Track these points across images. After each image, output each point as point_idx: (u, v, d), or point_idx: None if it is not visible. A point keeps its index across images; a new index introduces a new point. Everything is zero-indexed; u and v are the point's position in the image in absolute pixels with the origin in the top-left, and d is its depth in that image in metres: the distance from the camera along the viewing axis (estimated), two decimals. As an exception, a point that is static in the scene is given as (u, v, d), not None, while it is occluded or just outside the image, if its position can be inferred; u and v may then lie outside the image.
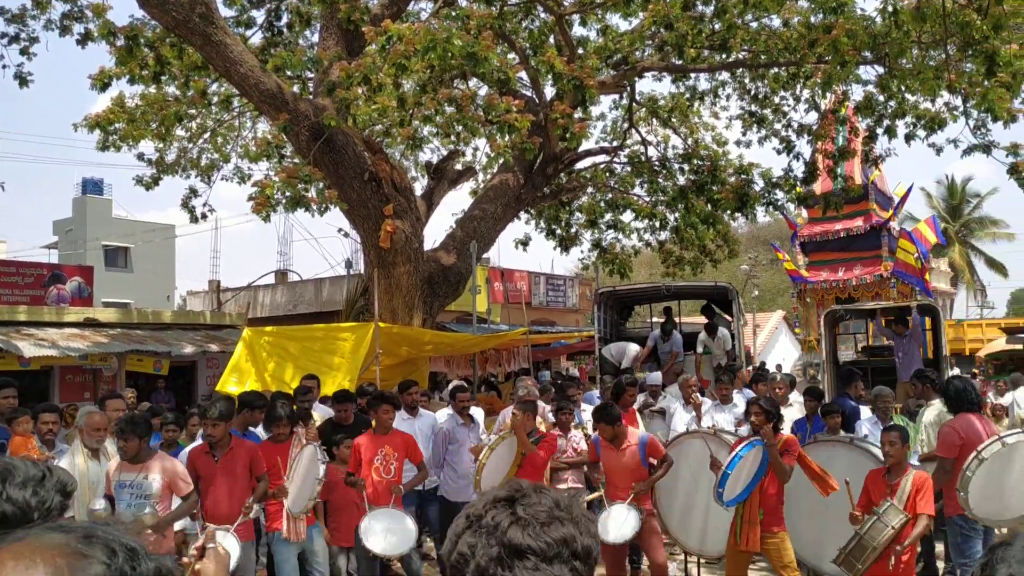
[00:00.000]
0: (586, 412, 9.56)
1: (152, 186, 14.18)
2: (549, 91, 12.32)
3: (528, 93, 12.81)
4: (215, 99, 13.43)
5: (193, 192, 14.50)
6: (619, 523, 6.50)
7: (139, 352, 14.27)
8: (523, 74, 12.42)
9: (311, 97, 11.80)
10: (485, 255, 18.37)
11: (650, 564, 6.89)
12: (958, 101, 10.79)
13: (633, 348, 13.24)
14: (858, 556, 5.60)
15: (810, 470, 6.14)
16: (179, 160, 15.03)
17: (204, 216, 14.53)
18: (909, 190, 22.82)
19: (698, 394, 9.50)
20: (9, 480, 1.23)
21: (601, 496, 6.94)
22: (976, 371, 19.62)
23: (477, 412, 9.63)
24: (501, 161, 13.50)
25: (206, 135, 15.43)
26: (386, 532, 6.50)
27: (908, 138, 11.56)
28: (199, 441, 7.08)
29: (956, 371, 19.02)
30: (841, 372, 11.69)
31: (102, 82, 10.77)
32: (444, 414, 9.18)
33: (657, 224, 15.09)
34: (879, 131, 12.25)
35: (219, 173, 15.57)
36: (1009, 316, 41.79)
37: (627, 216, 15.47)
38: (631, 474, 6.66)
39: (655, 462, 6.84)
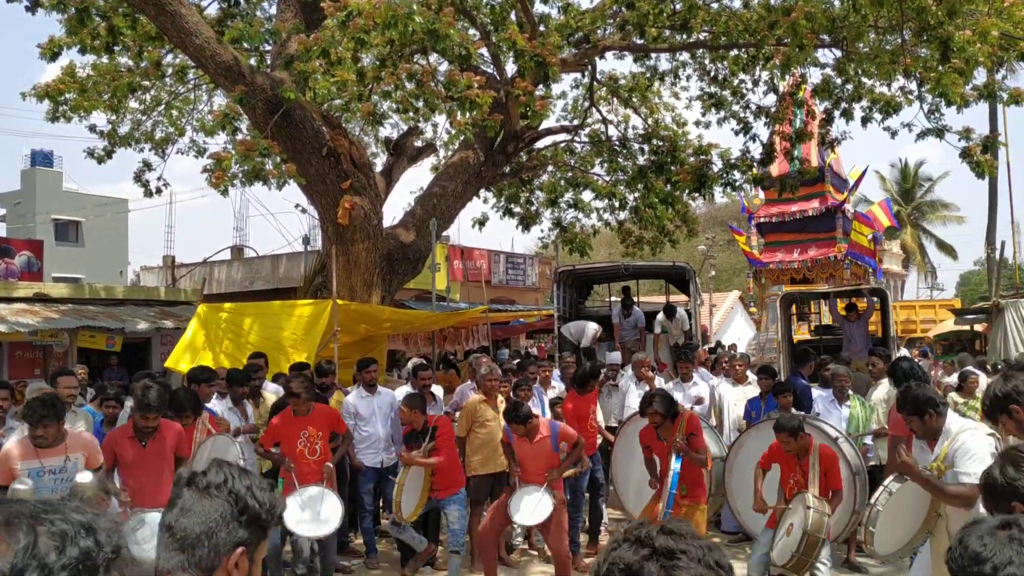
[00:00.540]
0: (553, 391, 9.64)
1: (104, 159, 13.87)
2: (510, 68, 12.26)
3: (489, 70, 12.73)
4: (169, 71, 13.14)
5: (147, 166, 14.22)
6: (533, 506, 6.62)
7: (91, 328, 14.01)
8: (484, 51, 12.34)
9: (268, 70, 11.61)
10: (445, 233, 18.31)
11: (552, 552, 6.98)
12: (913, 86, 10.95)
13: (592, 327, 13.31)
14: (810, 553, 5.73)
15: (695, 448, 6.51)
16: (132, 133, 14.72)
17: (159, 190, 14.27)
18: (864, 173, 23.16)
19: (650, 371, 9.63)
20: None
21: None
22: (915, 351, 20.04)
23: (437, 390, 9.65)
24: (462, 138, 13.44)
25: (160, 107, 15.12)
26: (307, 511, 6.45)
27: (864, 121, 11.72)
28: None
29: (904, 351, 19.49)
30: (796, 352, 11.91)
31: (52, 52, 10.49)
32: (403, 391, 9.17)
33: (617, 204, 15.14)
34: (836, 114, 12.39)
35: (174, 147, 15.29)
36: (957, 297, 42.70)
37: (587, 195, 15.51)
38: (545, 462, 6.78)
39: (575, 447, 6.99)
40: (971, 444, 4.47)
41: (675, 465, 6.30)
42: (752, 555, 6.48)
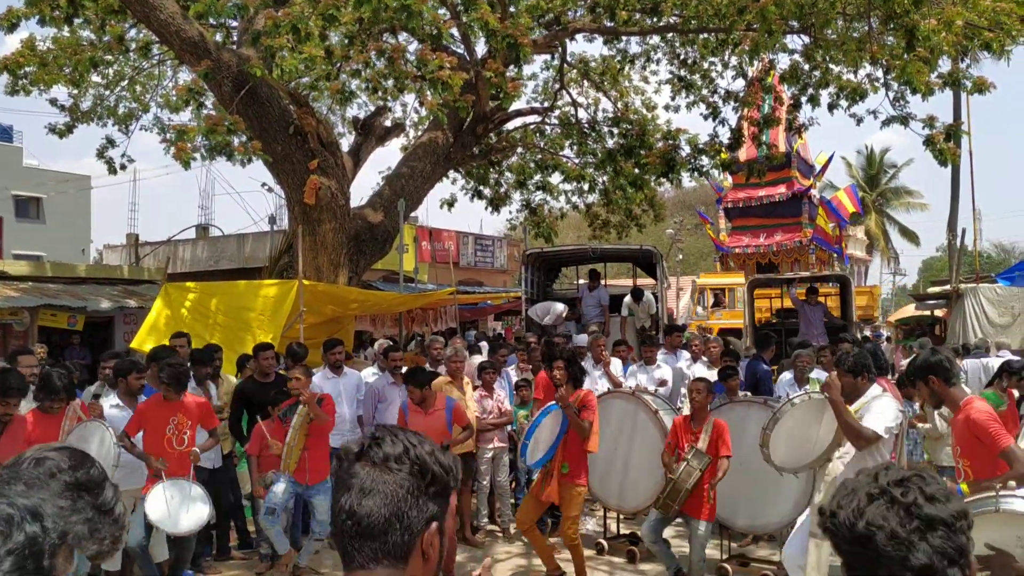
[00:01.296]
0: (518, 374, 9.66)
1: (66, 134, 13.64)
2: (480, 50, 12.20)
3: (459, 50, 12.66)
4: (133, 46, 12.92)
5: (110, 142, 14.00)
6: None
7: (52, 307, 13.79)
8: (454, 31, 12.26)
9: (235, 47, 11.45)
10: (413, 214, 18.23)
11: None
12: (879, 73, 11.05)
13: (558, 306, 13.33)
14: (673, 498, 6.37)
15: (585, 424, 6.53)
16: (95, 108, 14.47)
17: (122, 167, 14.06)
18: (830, 159, 23.44)
19: (607, 353, 9.70)
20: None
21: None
22: (870, 335, 20.38)
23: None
24: (432, 119, 13.36)
25: (124, 83, 14.88)
26: (173, 504, 6.17)
27: (831, 107, 11.81)
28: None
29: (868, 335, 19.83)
30: (758, 336, 12.07)
31: (9, 22, 10.28)
32: (370, 372, 9.16)
33: (586, 187, 15.17)
34: (803, 100, 12.49)
35: (138, 123, 15.07)
36: (919, 283, 43.39)
37: (556, 178, 15.51)
38: (437, 437, 6.67)
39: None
40: (881, 406, 5.20)
41: (541, 417, 6.41)
42: (648, 518, 6.79)
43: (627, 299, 13.41)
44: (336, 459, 1.62)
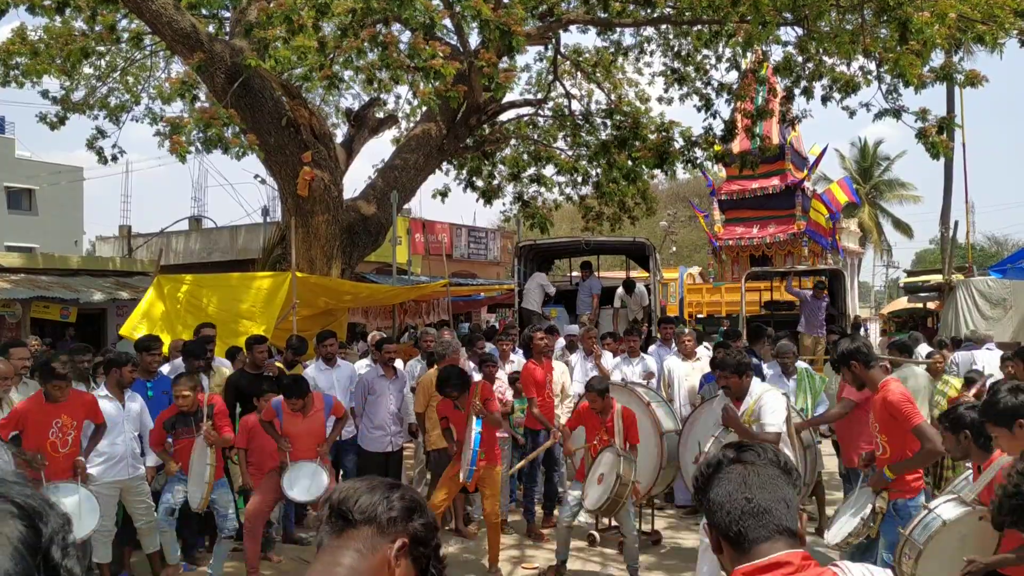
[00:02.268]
0: (512, 365, 9.67)
1: (58, 125, 13.57)
2: (474, 41, 12.17)
3: (452, 41, 12.62)
4: (125, 36, 12.85)
5: (101, 133, 13.94)
6: (308, 482, 6.54)
7: (45, 299, 13.77)
8: (447, 21, 12.22)
9: (227, 38, 11.40)
10: (406, 206, 18.21)
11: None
12: (872, 66, 11.05)
13: (538, 277, 13.21)
14: (620, 495, 6.44)
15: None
16: (87, 99, 14.40)
17: (114, 158, 14.01)
18: (824, 151, 23.44)
19: (598, 345, 9.72)
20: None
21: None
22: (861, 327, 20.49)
23: (401, 364, 9.67)
24: (424, 110, 13.33)
25: (115, 73, 14.81)
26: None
27: (824, 100, 11.81)
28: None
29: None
30: (750, 329, 12.11)
31: None
32: (363, 364, 9.16)
33: (579, 179, 15.16)
34: (796, 92, 12.49)
35: (129, 114, 14.99)
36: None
37: (549, 170, 15.49)
38: (317, 437, 6.75)
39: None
40: (771, 402, 5.63)
41: (476, 427, 6.62)
42: (562, 510, 6.97)
43: (619, 291, 13.41)
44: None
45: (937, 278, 26.19)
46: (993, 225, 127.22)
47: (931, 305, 19.41)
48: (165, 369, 7.90)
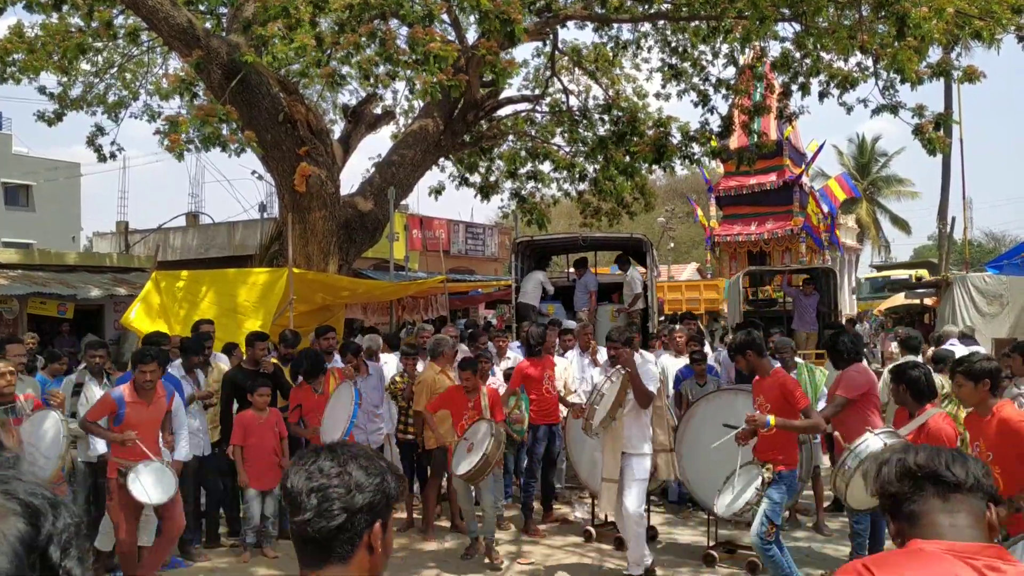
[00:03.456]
0: (508, 362, 9.68)
1: (55, 122, 13.54)
2: (471, 37, 12.16)
3: (450, 37, 12.61)
4: (121, 32, 12.83)
5: (99, 130, 13.92)
6: (159, 482, 6.11)
7: (42, 295, 13.75)
8: (444, 15, 12.21)
9: (224, 34, 11.38)
10: (404, 202, 18.20)
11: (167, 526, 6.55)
12: (869, 62, 11.05)
13: (537, 276, 13.19)
14: (483, 470, 6.87)
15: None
16: (84, 96, 14.38)
17: (112, 155, 13.99)
18: (821, 147, 23.45)
19: (593, 340, 9.73)
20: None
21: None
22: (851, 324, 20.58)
23: (391, 358, 9.66)
24: (422, 104, 13.31)
25: (113, 70, 14.79)
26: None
27: (821, 96, 11.81)
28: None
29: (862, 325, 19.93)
30: (745, 322, 12.19)
31: (-2, 7, 10.17)
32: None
33: (576, 175, 15.16)
34: (794, 88, 12.48)
35: (127, 110, 14.97)
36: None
37: (546, 166, 15.49)
38: (157, 427, 6.43)
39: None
40: (648, 371, 6.60)
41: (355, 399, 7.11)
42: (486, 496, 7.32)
43: (613, 267, 13.46)
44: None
45: (900, 273, 26.32)
46: (991, 221, 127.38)
47: (928, 301, 19.41)
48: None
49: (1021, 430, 4.38)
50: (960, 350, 10.92)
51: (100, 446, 6.78)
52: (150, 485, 6.05)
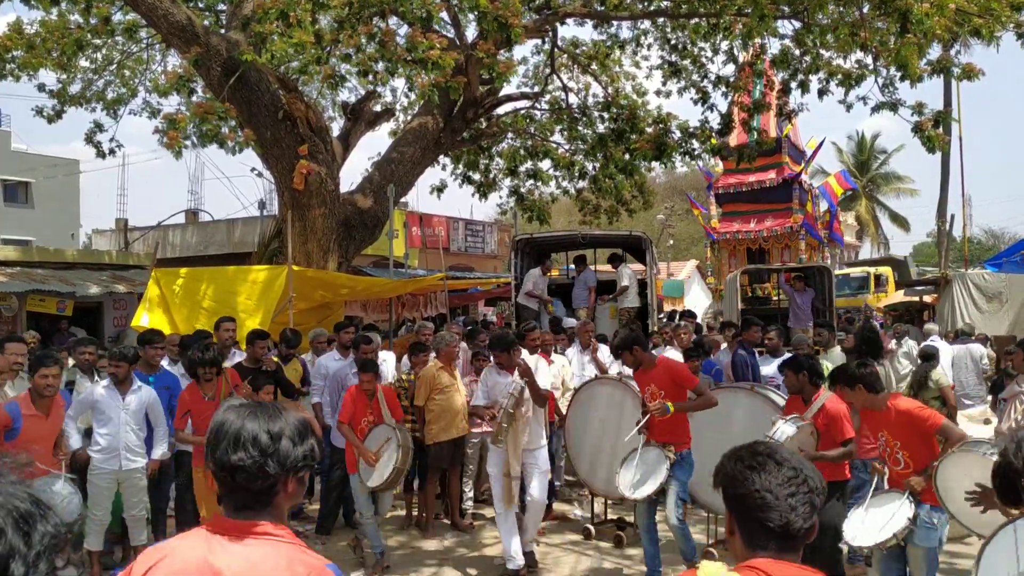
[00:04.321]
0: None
1: (54, 119, 13.53)
2: (471, 34, 12.14)
3: (450, 34, 12.60)
4: (120, 29, 12.82)
5: (98, 126, 13.90)
6: (59, 499, 5.69)
7: (41, 292, 13.75)
8: (444, 14, 12.21)
9: (223, 31, 11.38)
10: (403, 199, 18.19)
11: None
12: (869, 59, 11.05)
13: (533, 273, 13.14)
14: (396, 481, 7.02)
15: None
16: (83, 92, 14.37)
17: (112, 152, 13.98)
18: (821, 144, 23.44)
19: (595, 339, 9.73)
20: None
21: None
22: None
23: (389, 356, 9.66)
24: (421, 103, 13.30)
25: (112, 67, 14.78)
26: None
27: (821, 93, 11.82)
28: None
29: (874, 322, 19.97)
30: (743, 320, 12.24)
31: (-3, 5, 10.16)
32: (331, 359, 8.95)
33: (576, 173, 15.15)
34: (793, 85, 12.48)
35: (126, 107, 14.95)
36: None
37: (545, 164, 15.49)
38: (52, 442, 6.07)
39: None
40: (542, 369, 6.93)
41: None
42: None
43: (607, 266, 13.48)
44: None
45: (858, 271, 26.36)
46: (990, 219, 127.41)
47: (927, 299, 19.44)
48: (167, 364, 7.88)
49: (919, 415, 5.00)
50: (942, 346, 11.17)
51: (74, 442, 6.63)
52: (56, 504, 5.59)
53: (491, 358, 7.22)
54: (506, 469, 6.77)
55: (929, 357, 9.60)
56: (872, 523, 5.03)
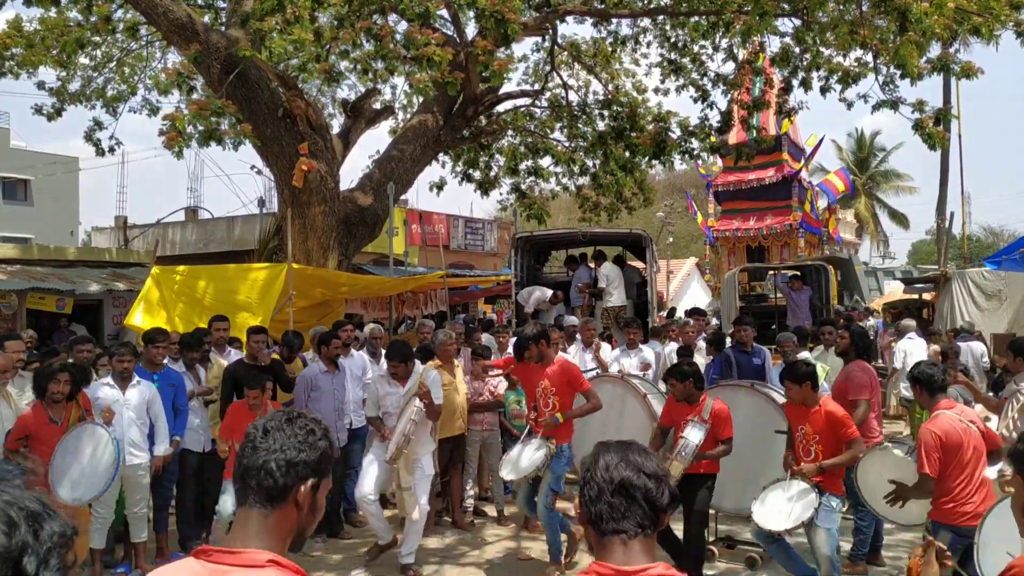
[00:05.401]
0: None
1: (54, 117, 13.51)
2: (471, 31, 12.13)
3: (449, 31, 12.58)
4: (120, 26, 12.80)
5: (98, 124, 13.87)
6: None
7: (40, 290, 13.74)
8: (443, 11, 12.19)
9: (223, 28, 11.36)
10: (403, 197, 18.18)
11: None
12: (869, 57, 11.04)
13: (537, 292, 13.21)
14: None
15: None
16: (83, 90, 14.34)
17: (111, 149, 13.95)
18: (820, 141, 23.45)
19: (597, 337, 9.74)
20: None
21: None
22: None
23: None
24: (421, 100, 13.29)
25: (111, 64, 14.75)
26: None
27: (823, 91, 11.81)
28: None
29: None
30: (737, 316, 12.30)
31: (-3, 2, 10.14)
32: (358, 356, 9.02)
33: (576, 170, 15.14)
34: (794, 83, 12.47)
35: (126, 105, 14.92)
36: (908, 265, 43.49)
37: (546, 161, 15.48)
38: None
39: None
40: (431, 378, 7.01)
41: None
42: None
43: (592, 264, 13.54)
44: None
45: (811, 264, 26.40)
46: (989, 216, 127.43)
47: (927, 296, 19.44)
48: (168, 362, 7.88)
49: (842, 422, 5.73)
50: (918, 344, 11.33)
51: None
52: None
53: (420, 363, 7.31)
54: (399, 483, 6.90)
55: None
56: (781, 509, 5.67)
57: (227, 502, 6.70)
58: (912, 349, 11.21)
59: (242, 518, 1.84)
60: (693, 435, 6.11)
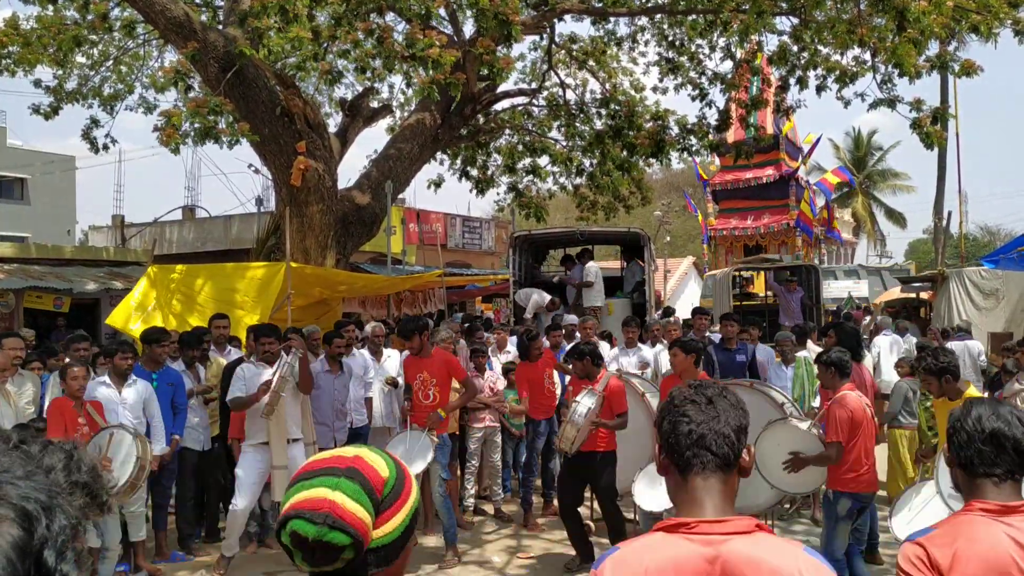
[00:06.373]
0: (507, 356, 9.70)
1: (51, 116, 13.48)
2: (468, 30, 12.13)
3: (447, 31, 12.57)
4: (117, 25, 12.77)
5: (95, 122, 13.85)
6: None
7: (38, 289, 13.72)
8: (442, 10, 12.18)
9: (221, 27, 11.34)
10: (400, 196, 18.17)
11: None
12: (866, 56, 11.05)
13: (536, 296, 13.19)
14: (133, 491, 6.37)
15: None
16: (80, 88, 14.32)
17: (107, 147, 13.93)
18: (818, 140, 23.45)
19: (596, 336, 9.74)
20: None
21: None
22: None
23: (394, 353, 9.65)
24: (421, 99, 13.28)
25: (108, 63, 14.72)
26: None
27: (819, 89, 11.82)
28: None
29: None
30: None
31: (-7, 1, 10.11)
32: (359, 354, 8.99)
33: (573, 169, 15.14)
34: (791, 82, 12.48)
35: (123, 103, 14.89)
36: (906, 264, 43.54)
37: (543, 160, 15.47)
38: None
39: None
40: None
41: None
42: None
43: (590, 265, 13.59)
44: None
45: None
46: (986, 215, 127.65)
47: (924, 295, 19.47)
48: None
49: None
50: (893, 340, 11.56)
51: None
52: None
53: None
54: (273, 462, 6.83)
55: None
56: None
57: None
58: (886, 346, 11.58)
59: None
60: (585, 401, 6.62)
